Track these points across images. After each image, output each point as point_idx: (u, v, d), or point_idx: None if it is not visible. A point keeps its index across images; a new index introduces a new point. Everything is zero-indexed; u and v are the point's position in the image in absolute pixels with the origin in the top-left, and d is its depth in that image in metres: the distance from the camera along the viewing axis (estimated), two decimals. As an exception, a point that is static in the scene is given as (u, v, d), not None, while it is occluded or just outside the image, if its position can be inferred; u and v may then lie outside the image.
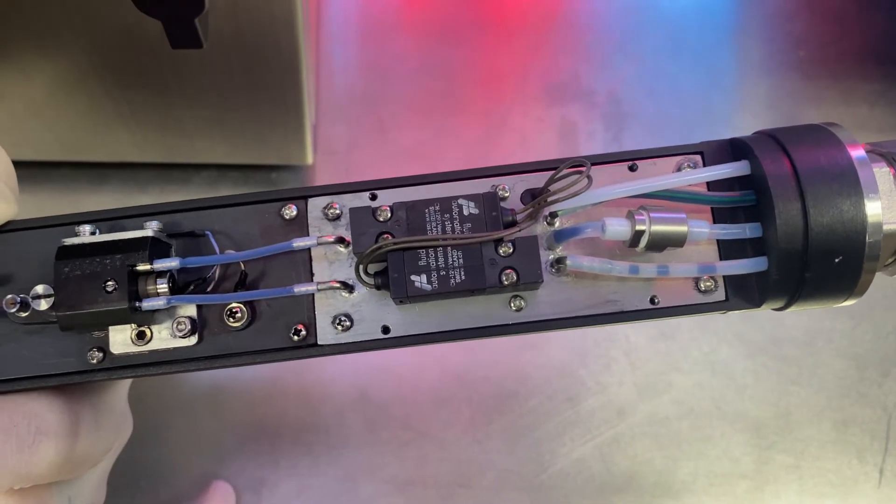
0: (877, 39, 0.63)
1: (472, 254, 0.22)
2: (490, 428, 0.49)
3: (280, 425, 0.49)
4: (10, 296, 0.23)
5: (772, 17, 0.64)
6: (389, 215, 0.23)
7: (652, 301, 0.23)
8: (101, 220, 0.25)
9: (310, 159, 0.53)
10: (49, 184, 0.54)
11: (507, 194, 0.24)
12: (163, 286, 0.23)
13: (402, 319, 0.24)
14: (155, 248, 0.23)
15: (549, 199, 0.21)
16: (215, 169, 0.55)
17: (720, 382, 0.52)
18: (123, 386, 0.31)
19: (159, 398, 0.49)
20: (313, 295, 0.24)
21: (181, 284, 0.24)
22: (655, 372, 0.52)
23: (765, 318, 0.53)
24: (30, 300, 0.23)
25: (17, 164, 0.27)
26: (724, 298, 0.23)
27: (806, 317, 0.53)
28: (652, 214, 0.21)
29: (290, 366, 0.50)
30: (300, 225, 0.24)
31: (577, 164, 0.22)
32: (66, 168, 0.54)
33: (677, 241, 0.21)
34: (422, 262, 0.22)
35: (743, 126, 0.59)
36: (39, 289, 0.23)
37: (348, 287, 0.23)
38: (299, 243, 0.23)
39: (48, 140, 0.51)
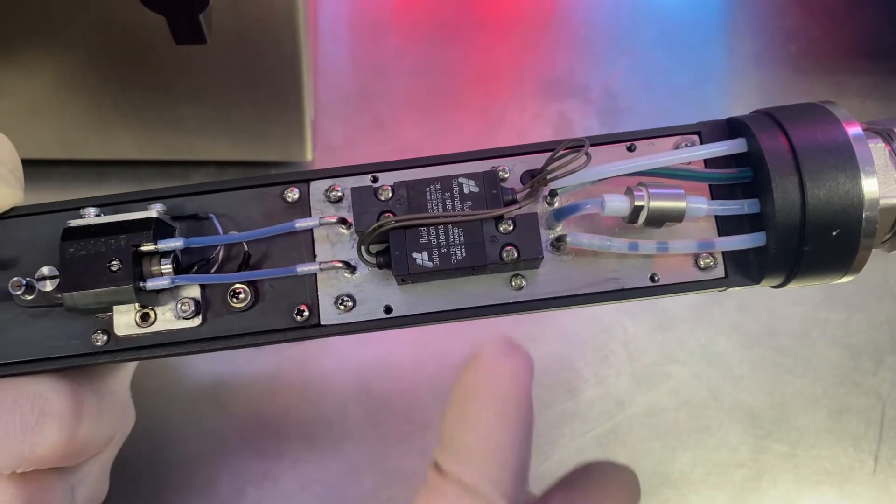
0: (868, 33, 0.63)
1: (472, 231, 0.22)
2: (490, 420, 0.49)
3: (282, 419, 0.49)
4: (15, 278, 0.23)
5: (763, 11, 0.64)
6: (390, 194, 0.23)
7: (652, 279, 0.24)
8: (106, 204, 0.25)
9: (309, 156, 0.53)
10: (48, 182, 0.54)
11: (506, 175, 0.24)
12: (167, 266, 0.23)
13: (404, 299, 0.24)
14: (159, 229, 0.23)
15: (549, 177, 0.22)
16: (214, 166, 0.55)
17: (717, 373, 0.52)
18: (126, 373, 0.31)
19: (161, 392, 0.49)
20: (315, 275, 0.24)
21: (185, 266, 0.24)
22: (653, 363, 0.52)
23: (760, 309, 0.54)
24: (35, 282, 0.23)
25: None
26: (723, 275, 0.24)
27: (801, 308, 0.54)
28: (650, 190, 0.21)
29: (292, 360, 0.50)
30: (302, 208, 0.25)
31: (576, 143, 0.22)
32: (66, 166, 0.54)
33: (676, 217, 0.22)
34: (423, 240, 0.22)
35: (737, 120, 0.59)
36: (45, 270, 0.23)
37: (350, 267, 0.24)
38: (302, 224, 0.23)
39: (48, 138, 0.51)
